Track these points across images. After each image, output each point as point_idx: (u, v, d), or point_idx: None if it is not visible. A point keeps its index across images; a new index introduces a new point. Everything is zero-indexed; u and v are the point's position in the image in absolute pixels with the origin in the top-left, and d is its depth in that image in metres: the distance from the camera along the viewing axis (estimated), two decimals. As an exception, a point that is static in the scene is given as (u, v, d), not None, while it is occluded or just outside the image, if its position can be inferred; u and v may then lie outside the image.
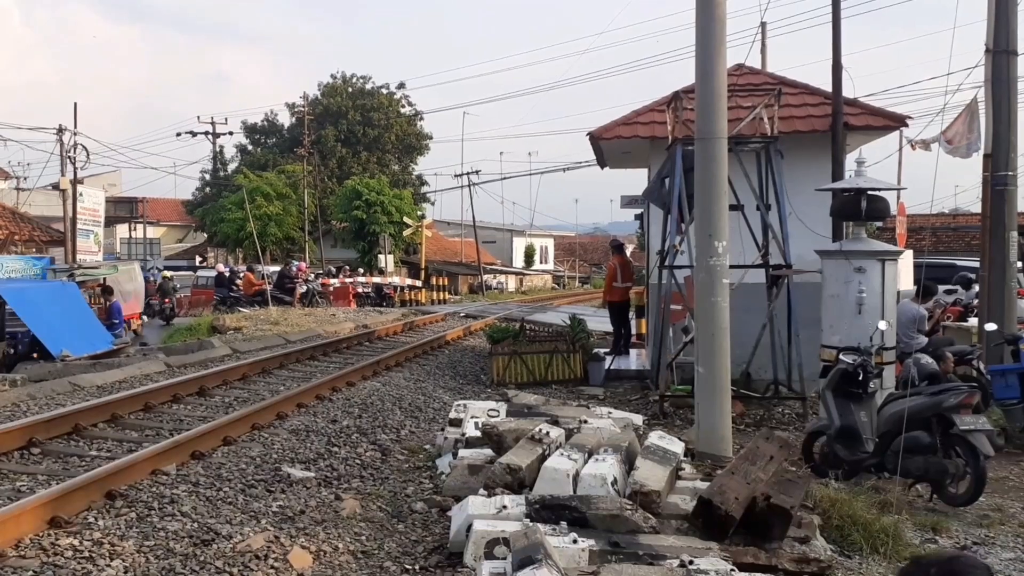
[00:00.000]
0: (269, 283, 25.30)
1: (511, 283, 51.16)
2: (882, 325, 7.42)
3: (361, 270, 35.39)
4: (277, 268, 30.53)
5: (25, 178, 40.12)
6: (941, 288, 13.13)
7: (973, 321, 11.55)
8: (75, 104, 30.98)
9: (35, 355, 14.64)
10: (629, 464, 5.74)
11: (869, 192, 8.46)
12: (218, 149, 48.60)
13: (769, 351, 10.06)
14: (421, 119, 50.91)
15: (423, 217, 45.25)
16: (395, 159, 49.94)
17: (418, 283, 35.81)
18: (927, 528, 6.17)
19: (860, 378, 7.05)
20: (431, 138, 51.33)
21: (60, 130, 31.38)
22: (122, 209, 41.20)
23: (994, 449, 6.88)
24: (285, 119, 50.22)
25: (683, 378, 10.07)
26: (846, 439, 7.12)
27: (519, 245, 62.79)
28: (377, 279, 33.48)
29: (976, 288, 12.69)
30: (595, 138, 12.21)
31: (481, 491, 5.37)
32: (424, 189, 51.23)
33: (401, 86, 49.96)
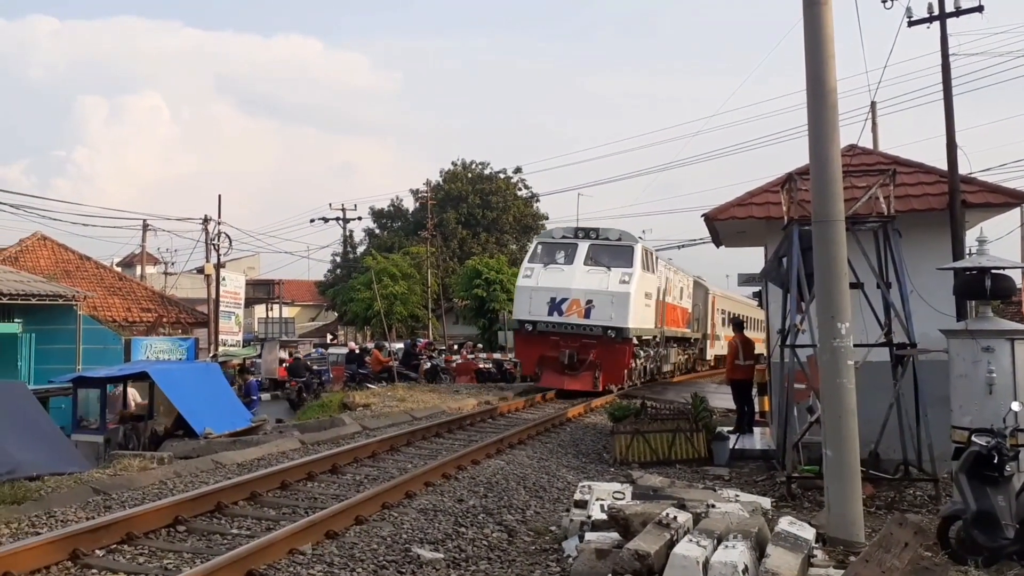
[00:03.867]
0: (395, 360, 26.12)
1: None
2: (1015, 406, 7.16)
3: (480, 346, 36.06)
4: (402, 345, 31.49)
5: (173, 263, 43.04)
6: None
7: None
8: (219, 196, 33.58)
9: (180, 432, 15.72)
10: (759, 551, 5.67)
11: (993, 271, 8.29)
12: (348, 233, 51.25)
13: (897, 430, 9.79)
14: (537, 200, 52.34)
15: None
16: (513, 239, 51.17)
17: (538, 359, 36.03)
18: (1077, 620, 5.86)
19: (995, 461, 6.80)
20: (547, 218, 52.51)
21: (206, 220, 33.90)
22: (260, 291, 43.63)
23: None
24: (410, 204, 52.59)
25: (810, 458, 9.87)
26: (984, 524, 6.83)
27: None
28: (498, 355, 34.02)
29: None
30: (710, 219, 12.40)
31: (609, 576, 5.43)
32: (541, 267, 52.04)
33: (518, 170, 51.66)
